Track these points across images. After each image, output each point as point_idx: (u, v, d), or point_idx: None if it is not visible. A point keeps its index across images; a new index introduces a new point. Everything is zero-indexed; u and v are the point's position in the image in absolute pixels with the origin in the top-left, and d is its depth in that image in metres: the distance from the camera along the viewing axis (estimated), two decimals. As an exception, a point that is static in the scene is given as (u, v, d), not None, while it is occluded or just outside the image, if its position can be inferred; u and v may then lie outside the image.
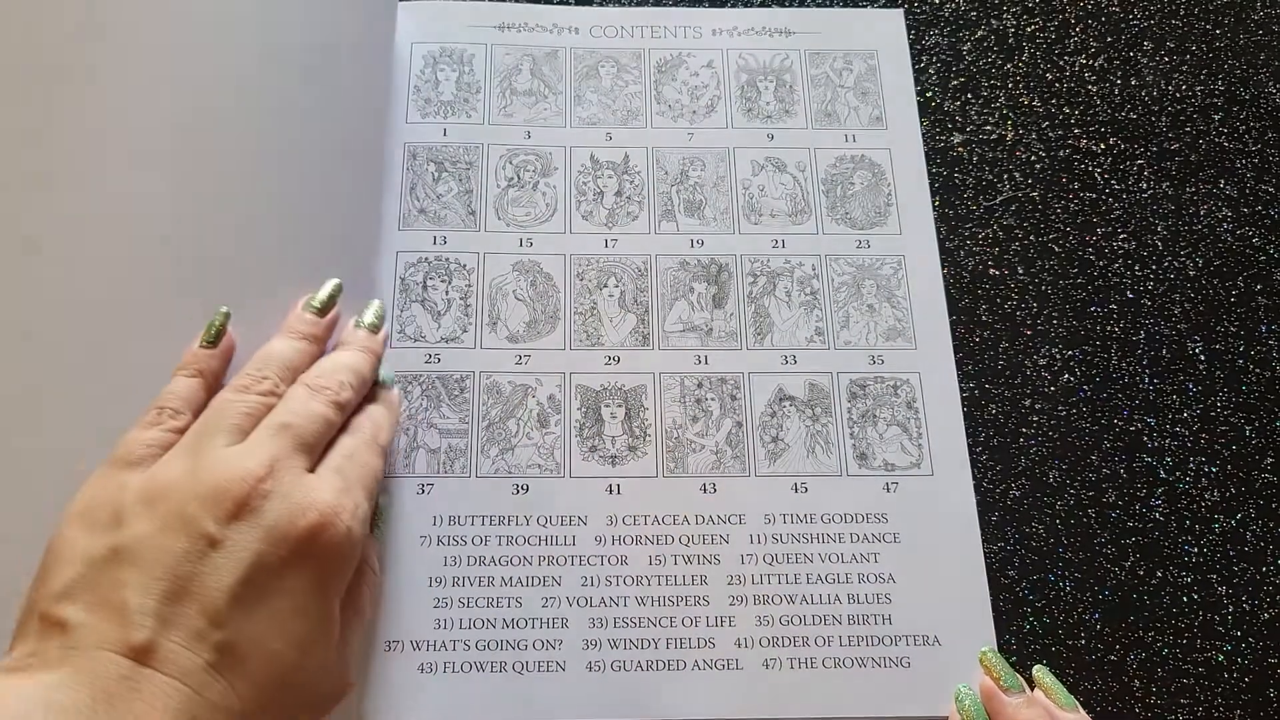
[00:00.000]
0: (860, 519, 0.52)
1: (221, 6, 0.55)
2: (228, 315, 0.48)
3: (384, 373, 0.50)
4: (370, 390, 0.48)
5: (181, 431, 0.43)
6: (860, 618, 0.50)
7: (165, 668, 0.34)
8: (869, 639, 0.50)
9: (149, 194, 0.52)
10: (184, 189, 0.52)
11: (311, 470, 0.42)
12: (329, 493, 0.40)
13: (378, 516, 0.48)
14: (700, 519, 0.52)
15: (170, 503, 0.38)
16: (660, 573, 0.50)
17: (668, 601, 0.50)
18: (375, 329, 0.50)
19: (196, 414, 0.44)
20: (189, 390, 0.45)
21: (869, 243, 0.58)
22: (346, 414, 0.45)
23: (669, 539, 0.51)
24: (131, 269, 0.50)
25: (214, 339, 0.47)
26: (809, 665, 0.49)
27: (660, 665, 0.49)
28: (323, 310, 0.49)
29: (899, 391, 0.55)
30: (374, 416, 0.47)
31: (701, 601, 0.50)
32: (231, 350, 0.48)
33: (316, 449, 0.42)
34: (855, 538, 0.52)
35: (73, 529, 0.38)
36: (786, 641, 0.49)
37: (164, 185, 0.52)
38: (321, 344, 0.48)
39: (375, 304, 0.51)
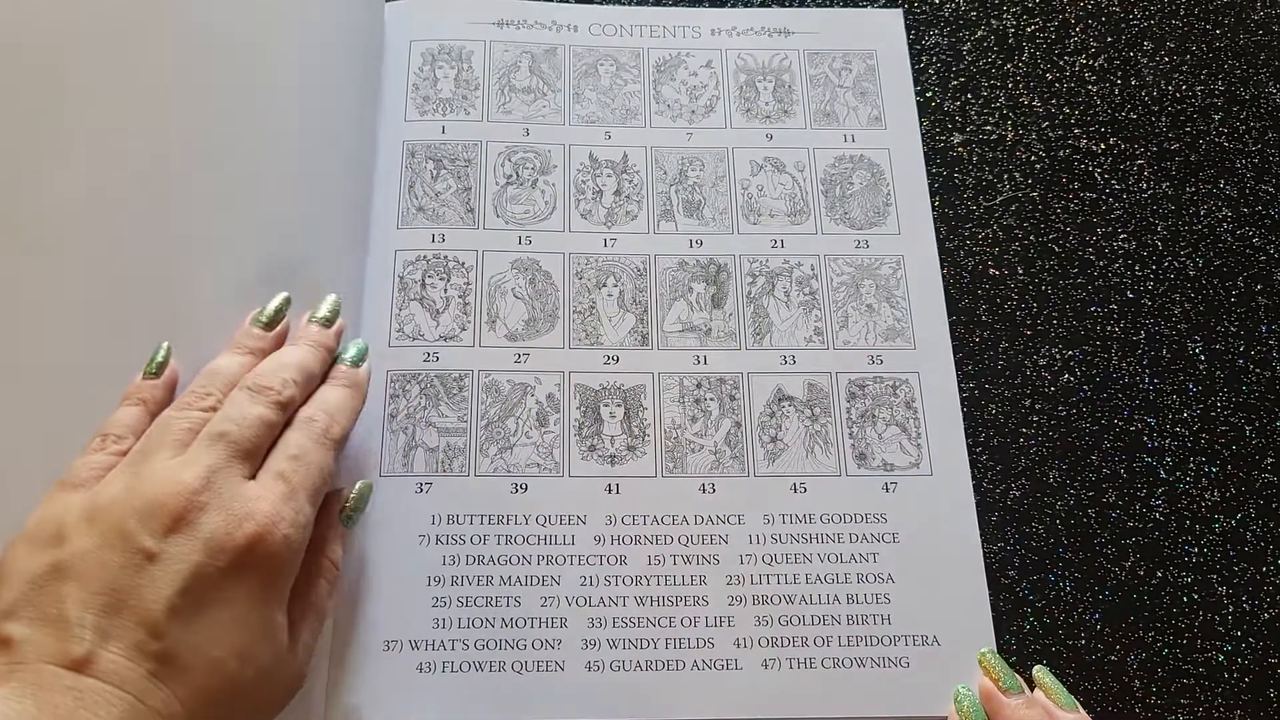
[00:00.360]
0: (859, 519, 0.52)
1: (211, 7, 0.55)
2: (169, 349, 0.48)
3: (352, 350, 0.49)
4: (339, 374, 0.48)
5: (125, 454, 0.43)
6: (859, 618, 0.50)
7: (107, 678, 0.35)
8: (868, 639, 0.50)
9: (143, 196, 0.51)
10: (176, 193, 0.52)
11: (253, 475, 0.42)
12: (267, 501, 0.40)
13: (351, 505, 0.47)
14: (699, 519, 0.52)
15: (109, 519, 0.38)
16: (659, 573, 0.50)
17: (667, 601, 0.50)
18: (328, 323, 0.50)
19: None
20: (132, 417, 0.45)
21: (868, 243, 0.58)
22: (290, 411, 0.45)
23: (668, 539, 0.51)
24: (122, 272, 0.50)
25: (156, 371, 0.47)
26: (808, 665, 0.49)
27: (659, 665, 0.48)
28: (269, 324, 0.49)
29: (898, 391, 0.55)
30: (329, 405, 0.46)
31: (700, 601, 0.50)
32: (175, 381, 0.48)
33: (257, 454, 0.42)
34: (854, 538, 0.52)
35: (18, 549, 0.39)
36: (785, 642, 0.49)
37: (154, 188, 0.52)
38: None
39: (330, 298, 0.50)
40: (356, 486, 0.48)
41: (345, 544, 0.47)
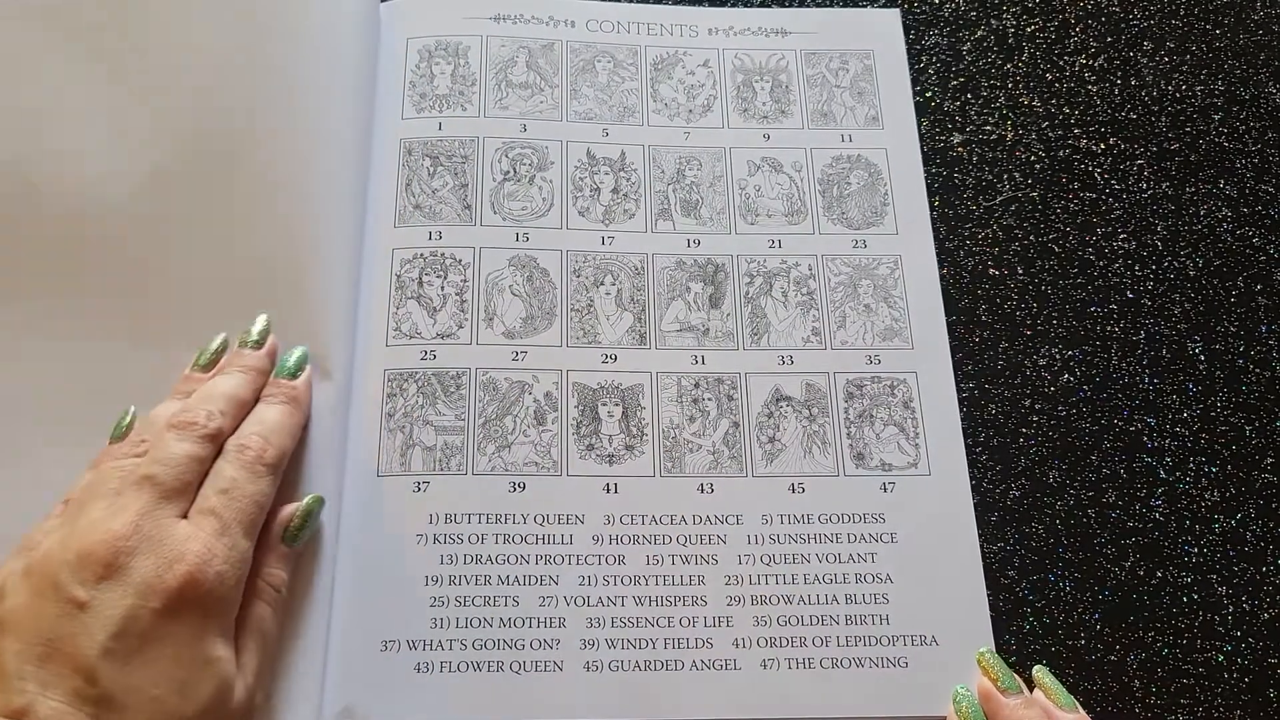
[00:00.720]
0: (857, 519, 0.52)
1: (208, 6, 0.55)
2: (135, 414, 0.48)
3: (291, 361, 0.49)
4: (274, 389, 0.48)
5: None
6: (857, 618, 0.50)
7: None
8: (866, 639, 0.49)
9: (140, 196, 0.51)
10: (173, 193, 0.52)
11: (186, 514, 0.42)
12: (198, 540, 0.40)
13: (294, 525, 0.46)
14: (697, 519, 0.51)
15: (43, 572, 0.39)
16: (658, 572, 0.50)
17: (665, 601, 0.50)
18: (258, 345, 0.49)
19: None
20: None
21: (865, 243, 0.58)
22: (220, 443, 0.45)
23: (666, 539, 0.51)
24: (116, 273, 0.50)
25: (120, 436, 0.47)
26: (806, 665, 0.49)
27: (658, 665, 0.48)
28: (207, 367, 0.49)
29: (896, 391, 0.55)
30: (263, 427, 0.46)
31: (699, 601, 0.50)
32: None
33: (187, 491, 0.42)
34: (852, 538, 0.52)
35: None
36: (784, 642, 0.49)
37: (151, 189, 0.52)
38: None
39: (260, 319, 0.50)
40: (303, 503, 0.47)
41: (293, 563, 0.47)
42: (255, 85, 0.55)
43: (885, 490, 0.53)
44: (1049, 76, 0.63)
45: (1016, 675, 0.47)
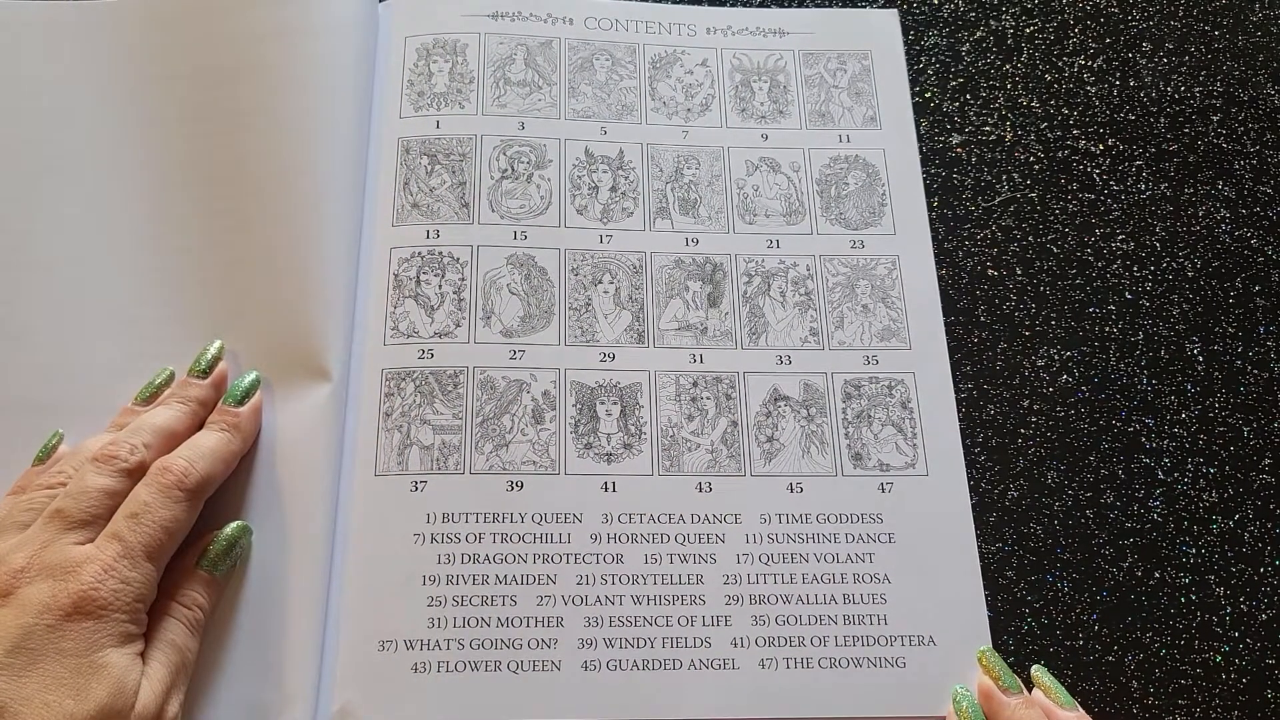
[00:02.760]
0: (855, 519, 0.52)
1: (207, 6, 0.55)
2: (60, 437, 0.48)
3: (242, 385, 0.49)
4: (216, 416, 0.48)
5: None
6: (855, 618, 0.50)
7: None
8: (864, 639, 0.49)
9: (139, 197, 0.51)
10: (172, 193, 0.52)
11: (92, 539, 0.43)
12: (96, 563, 0.41)
13: (215, 552, 0.46)
14: (696, 518, 0.51)
15: None
16: (656, 572, 0.50)
17: (663, 601, 0.49)
18: (203, 374, 0.50)
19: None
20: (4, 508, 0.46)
21: (863, 243, 0.58)
22: (140, 476, 0.45)
23: (664, 538, 0.51)
24: (114, 275, 0.50)
25: (44, 457, 0.48)
26: (804, 665, 0.49)
27: (656, 665, 0.48)
28: (148, 400, 0.49)
29: (894, 391, 0.55)
30: (191, 452, 0.46)
31: (697, 601, 0.50)
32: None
33: (95, 523, 0.43)
34: (850, 538, 0.51)
35: None
36: (782, 641, 0.49)
37: (150, 189, 0.52)
38: None
39: (213, 345, 0.51)
40: (226, 530, 0.47)
41: (218, 589, 0.47)
42: (254, 83, 0.55)
43: (883, 490, 0.53)
44: (1048, 77, 0.63)
45: (1016, 676, 0.47)
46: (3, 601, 0.40)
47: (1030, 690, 0.48)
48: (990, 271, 0.58)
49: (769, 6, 0.64)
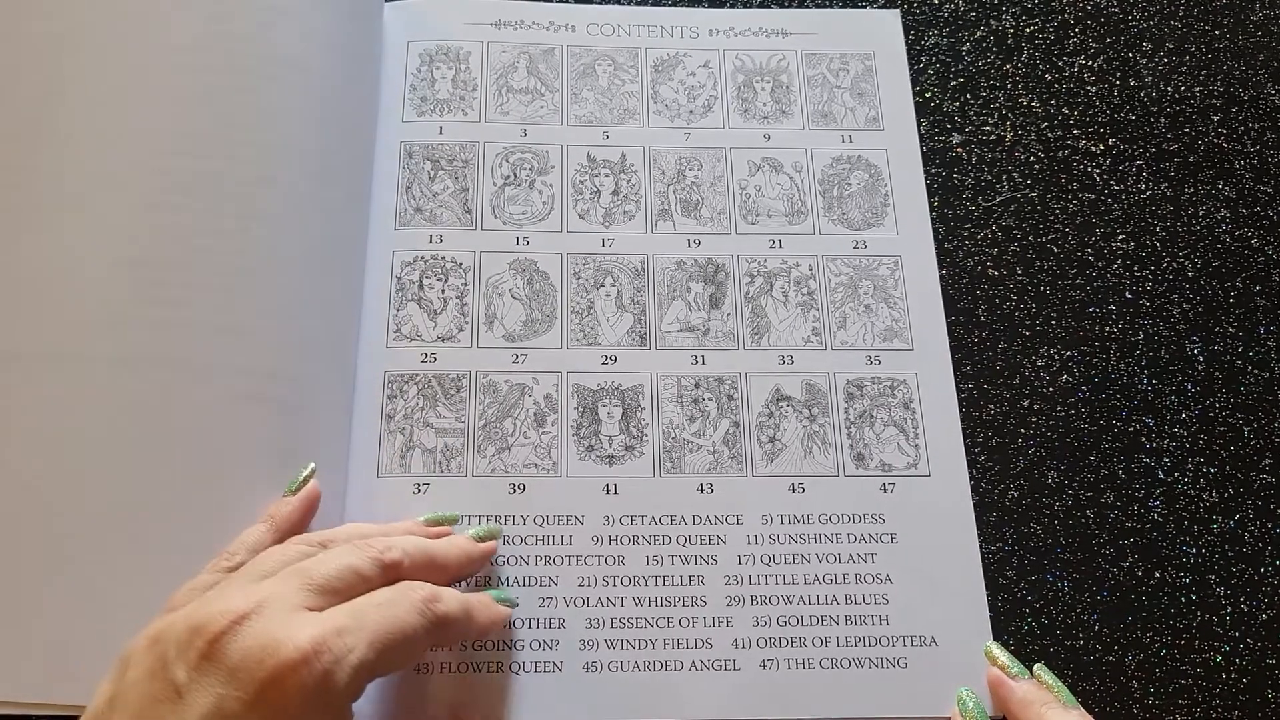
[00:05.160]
0: (857, 519, 0.52)
1: (209, 7, 0.55)
2: (313, 470, 0.48)
3: (503, 593, 0.48)
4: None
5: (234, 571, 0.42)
6: (857, 618, 0.50)
7: None
8: (866, 640, 0.49)
9: (138, 198, 0.51)
10: (172, 195, 0.52)
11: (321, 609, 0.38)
12: (318, 628, 0.36)
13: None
14: (697, 519, 0.51)
15: (161, 646, 0.37)
16: (657, 573, 0.50)
17: (665, 602, 0.50)
18: (481, 539, 0.49)
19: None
20: (254, 536, 0.45)
21: (866, 243, 0.58)
22: (389, 576, 0.41)
23: (666, 539, 0.51)
24: (120, 277, 0.50)
25: (293, 490, 0.47)
26: (806, 666, 0.49)
27: (657, 666, 0.48)
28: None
29: (896, 392, 0.55)
30: (452, 598, 0.42)
31: (699, 602, 0.50)
32: (313, 500, 0.47)
33: (335, 595, 0.39)
34: (852, 538, 0.52)
35: (101, 682, 0.38)
36: (784, 642, 0.49)
37: (150, 190, 0.52)
38: None
39: (489, 525, 0.50)
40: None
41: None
42: (259, 87, 0.55)
43: (885, 491, 0.53)
44: (1048, 77, 0.63)
45: (1023, 666, 0.48)
46: (209, 652, 0.35)
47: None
48: (990, 271, 0.58)
49: (770, 7, 0.64)
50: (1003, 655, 0.48)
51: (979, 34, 0.64)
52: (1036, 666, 0.48)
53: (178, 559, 0.44)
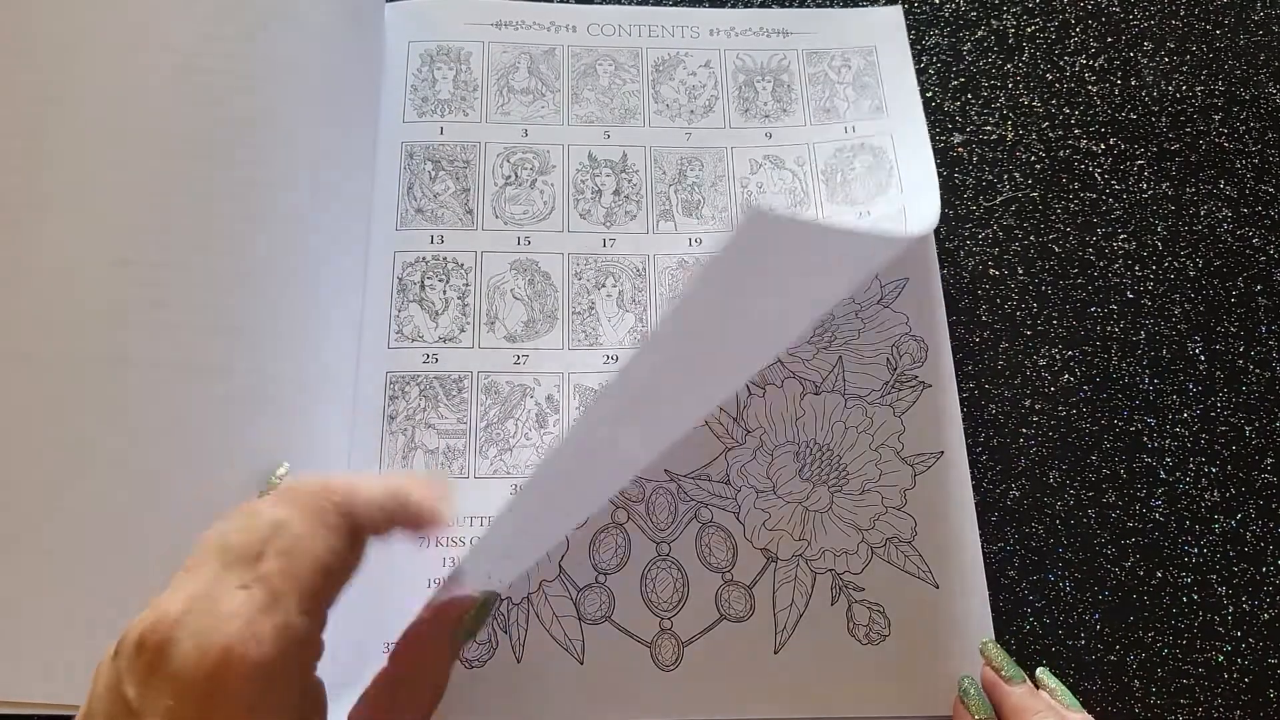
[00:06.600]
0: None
1: (210, 8, 0.55)
2: (287, 469, 0.47)
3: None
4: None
5: None
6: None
7: None
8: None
9: (139, 199, 0.51)
10: (172, 196, 0.52)
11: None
12: (240, 618, 0.34)
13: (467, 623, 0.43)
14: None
15: (118, 659, 0.35)
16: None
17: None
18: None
19: None
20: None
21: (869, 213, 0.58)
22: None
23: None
24: (119, 278, 0.50)
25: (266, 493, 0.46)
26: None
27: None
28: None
29: (898, 392, 0.55)
30: (369, 486, 0.38)
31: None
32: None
33: (257, 558, 0.36)
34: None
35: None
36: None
37: (151, 192, 0.52)
38: None
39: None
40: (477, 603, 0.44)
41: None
42: (259, 87, 0.55)
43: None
44: (1049, 77, 0.63)
45: (1020, 667, 0.48)
46: (155, 661, 0.34)
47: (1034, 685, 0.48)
48: (992, 271, 0.58)
49: (770, 7, 0.64)
50: (998, 656, 0.48)
51: (980, 33, 0.64)
52: (1039, 669, 0.48)
53: (176, 560, 0.44)
